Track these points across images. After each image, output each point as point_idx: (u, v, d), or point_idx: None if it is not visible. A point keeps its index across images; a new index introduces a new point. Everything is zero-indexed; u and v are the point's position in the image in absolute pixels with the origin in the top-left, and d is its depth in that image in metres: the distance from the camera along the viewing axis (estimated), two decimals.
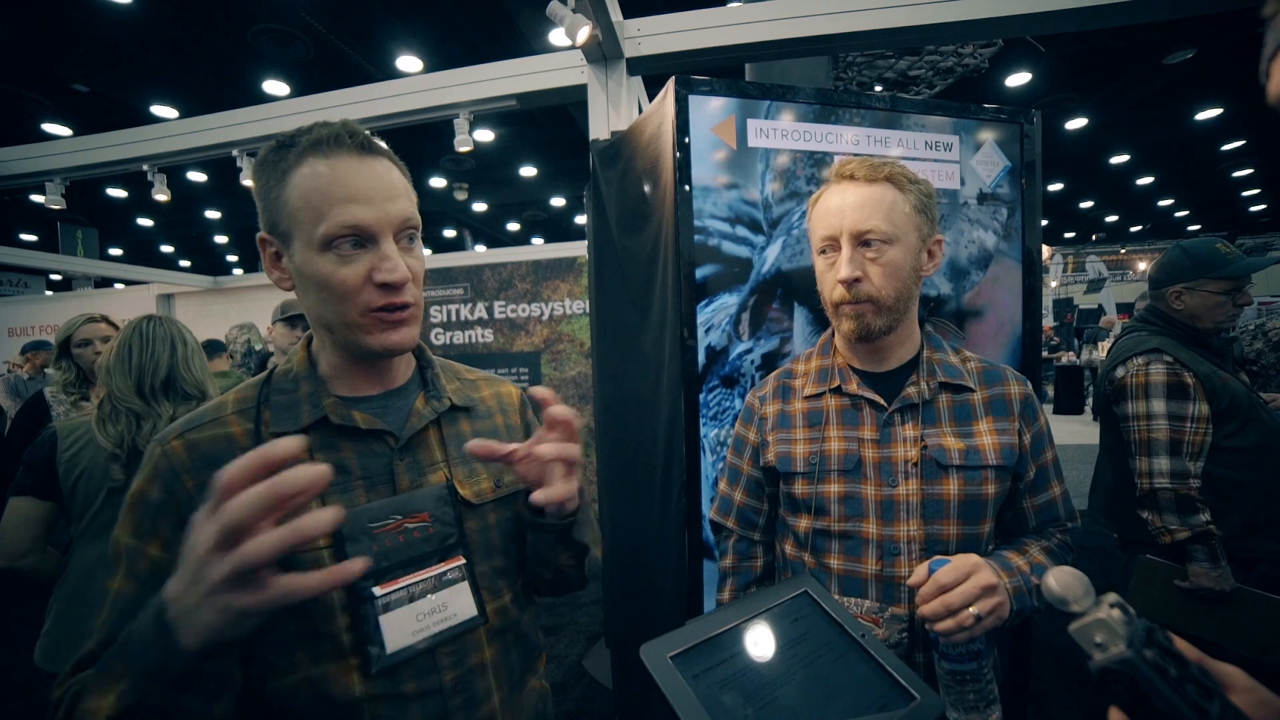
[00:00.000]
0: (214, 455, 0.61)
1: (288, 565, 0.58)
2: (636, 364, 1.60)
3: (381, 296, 0.62)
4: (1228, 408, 1.51)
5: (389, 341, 0.64)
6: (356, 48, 5.54)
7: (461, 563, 0.69)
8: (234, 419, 0.65)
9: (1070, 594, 0.44)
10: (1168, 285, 1.65)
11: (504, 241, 14.55)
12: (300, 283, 0.64)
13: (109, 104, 6.21)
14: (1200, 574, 1.47)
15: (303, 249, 0.61)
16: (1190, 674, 0.40)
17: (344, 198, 0.59)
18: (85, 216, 9.11)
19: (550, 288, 3.77)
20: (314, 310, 0.64)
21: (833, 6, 2.16)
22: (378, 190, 0.61)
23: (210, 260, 15.28)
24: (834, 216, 0.89)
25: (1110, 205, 14.91)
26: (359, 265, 0.61)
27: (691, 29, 2.27)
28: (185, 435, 0.63)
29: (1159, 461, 1.52)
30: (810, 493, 0.92)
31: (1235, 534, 1.51)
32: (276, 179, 0.61)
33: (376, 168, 0.62)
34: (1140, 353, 1.60)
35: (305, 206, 0.59)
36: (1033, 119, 1.47)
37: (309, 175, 0.60)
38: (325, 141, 0.60)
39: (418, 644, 0.63)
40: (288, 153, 0.61)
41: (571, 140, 7.58)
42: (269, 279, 0.66)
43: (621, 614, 1.92)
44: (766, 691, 0.54)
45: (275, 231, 0.63)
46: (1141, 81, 7.18)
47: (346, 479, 0.65)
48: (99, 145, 3.43)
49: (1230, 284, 1.57)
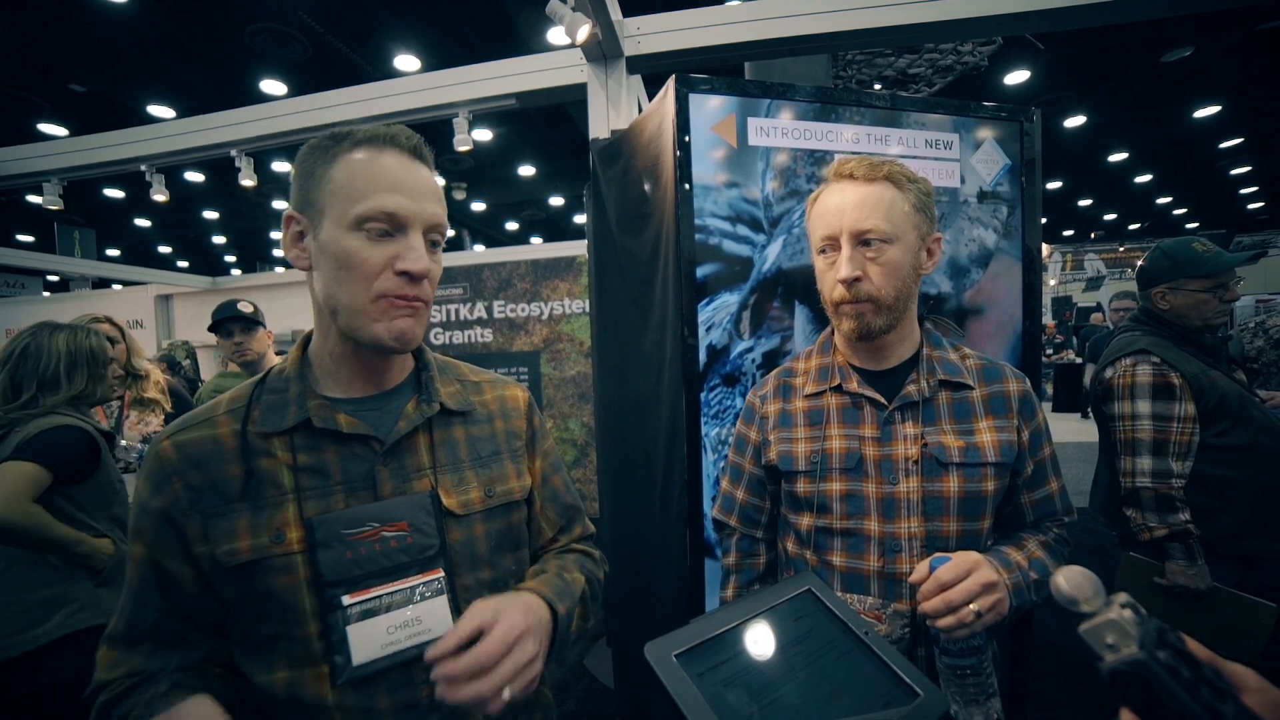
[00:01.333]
0: (201, 455, 0.63)
1: (261, 569, 0.61)
2: (637, 363, 1.60)
3: (398, 286, 0.63)
4: (1216, 407, 1.52)
5: (395, 329, 0.64)
6: (354, 47, 5.53)
7: (440, 575, 0.67)
8: (224, 419, 0.66)
9: (1080, 594, 0.43)
10: (1152, 287, 1.69)
11: (503, 241, 14.53)
12: (321, 260, 0.64)
13: (106, 104, 6.19)
14: (1176, 571, 1.49)
15: (333, 226, 0.63)
16: (1203, 675, 0.39)
17: (387, 186, 0.62)
18: (82, 217, 9.10)
19: (550, 287, 3.77)
20: (326, 290, 0.65)
21: (832, 5, 2.16)
22: (418, 189, 0.65)
23: (208, 260, 15.25)
24: (833, 216, 0.89)
25: (1109, 203, 14.93)
26: (384, 250, 0.63)
27: (691, 27, 2.27)
28: (175, 436, 0.65)
29: (1142, 461, 1.55)
30: (812, 491, 0.92)
31: (1230, 533, 1.51)
32: (325, 159, 0.64)
33: (421, 170, 0.67)
34: (1129, 353, 1.62)
35: (348, 185, 0.62)
36: (1033, 117, 1.47)
37: (359, 160, 0.63)
38: (381, 137, 0.65)
39: (384, 658, 0.62)
40: (342, 140, 0.65)
41: (570, 139, 7.57)
42: (286, 256, 0.68)
43: (622, 613, 1.92)
44: (771, 689, 0.54)
45: (307, 209, 0.65)
46: (1139, 80, 7.18)
47: (325, 483, 0.65)
48: (97, 145, 3.42)
49: (1211, 281, 1.59)
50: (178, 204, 9.20)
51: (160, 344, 5.97)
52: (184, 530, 0.62)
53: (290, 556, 0.61)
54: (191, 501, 0.62)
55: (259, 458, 0.64)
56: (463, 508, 0.71)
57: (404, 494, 0.67)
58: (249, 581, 0.61)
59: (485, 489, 0.73)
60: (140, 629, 0.63)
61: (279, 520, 0.62)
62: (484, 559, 0.72)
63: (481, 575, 0.71)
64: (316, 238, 0.64)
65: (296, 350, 0.71)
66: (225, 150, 3.26)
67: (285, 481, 0.63)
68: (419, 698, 0.64)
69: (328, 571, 0.61)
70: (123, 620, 0.64)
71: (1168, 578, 1.51)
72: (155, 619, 0.63)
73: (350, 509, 0.64)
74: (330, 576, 0.61)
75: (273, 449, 0.64)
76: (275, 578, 0.61)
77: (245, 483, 0.62)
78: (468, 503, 0.71)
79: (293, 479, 0.64)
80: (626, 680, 1.92)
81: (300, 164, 0.66)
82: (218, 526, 0.61)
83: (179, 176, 8.22)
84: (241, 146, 3.22)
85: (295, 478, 0.64)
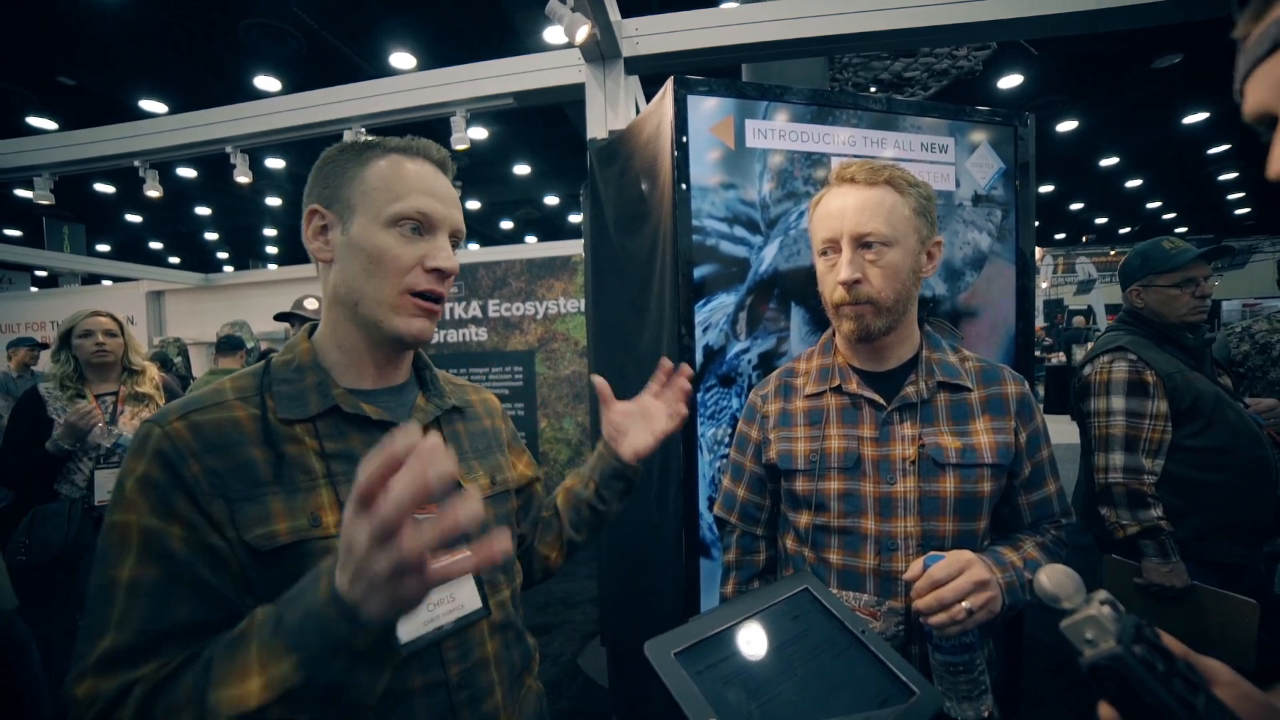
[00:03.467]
0: (220, 438, 0.61)
1: (301, 552, 0.60)
2: (634, 363, 1.60)
3: (426, 281, 0.68)
4: (1190, 407, 1.53)
5: (414, 327, 0.68)
6: (350, 44, 5.49)
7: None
8: (238, 404, 0.64)
9: (1061, 591, 0.45)
10: (1127, 286, 1.72)
11: (497, 240, 14.48)
12: (348, 254, 0.68)
13: (96, 99, 6.11)
14: (1152, 569, 1.49)
15: (366, 223, 0.67)
16: (1177, 669, 0.41)
17: (421, 190, 0.68)
18: (72, 212, 8.98)
19: (545, 286, 3.76)
20: (350, 283, 0.67)
21: (830, 8, 2.18)
22: (447, 196, 0.71)
23: (201, 257, 15.10)
24: (834, 219, 0.91)
25: (1100, 207, 15.07)
26: (415, 248, 0.68)
27: (689, 29, 2.27)
28: (188, 416, 0.61)
29: (1114, 457, 1.55)
30: (811, 489, 0.93)
31: (1197, 535, 1.51)
32: (356, 162, 0.69)
33: (446, 180, 0.73)
34: (1106, 350, 1.64)
35: (383, 187, 0.67)
36: (1027, 121, 1.49)
37: (393, 164, 0.69)
38: (413, 148, 0.71)
39: (428, 634, 0.64)
40: (375, 147, 0.70)
41: (565, 139, 7.55)
42: (307, 248, 0.71)
43: (617, 612, 1.93)
44: (769, 687, 0.55)
45: (334, 205, 0.68)
46: (1131, 85, 7.25)
47: (355, 468, 0.64)
48: (89, 140, 3.38)
49: (1178, 275, 1.61)
50: (170, 200, 9.13)
51: (152, 341, 5.92)
52: (210, 515, 0.58)
53: (330, 540, 0.61)
54: (213, 485, 0.59)
55: (284, 443, 0.64)
56: (478, 491, 0.75)
57: None
58: (286, 566, 0.59)
59: (490, 476, 0.79)
60: (159, 630, 0.55)
61: (314, 504, 0.62)
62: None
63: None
64: (346, 232, 0.68)
65: (304, 340, 0.72)
66: (221, 147, 3.23)
67: (315, 467, 0.64)
68: (448, 676, 0.66)
69: None
70: (127, 630, 0.54)
71: (1144, 576, 1.51)
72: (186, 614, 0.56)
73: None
74: None
75: (298, 435, 0.65)
76: (314, 561, 0.59)
77: (276, 467, 0.62)
78: (480, 488, 0.77)
79: (323, 465, 0.64)
80: (621, 679, 1.93)
81: (326, 163, 0.70)
82: (247, 511, 0.59)
83: (171, 172, 8.14)
84: (238, 143, 3.21)
85: (325, 463, 0.64)
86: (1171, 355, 1.59)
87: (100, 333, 2.06)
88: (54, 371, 2.04)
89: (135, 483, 0.58)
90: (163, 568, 0.56)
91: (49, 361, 2.08)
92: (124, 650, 0.54)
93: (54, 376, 2.04)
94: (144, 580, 0.56)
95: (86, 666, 0.53)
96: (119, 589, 0.55)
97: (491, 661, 0.70)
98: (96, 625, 0.54)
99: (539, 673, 0.83)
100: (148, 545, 0.56)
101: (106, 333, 2.08)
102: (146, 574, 0.56)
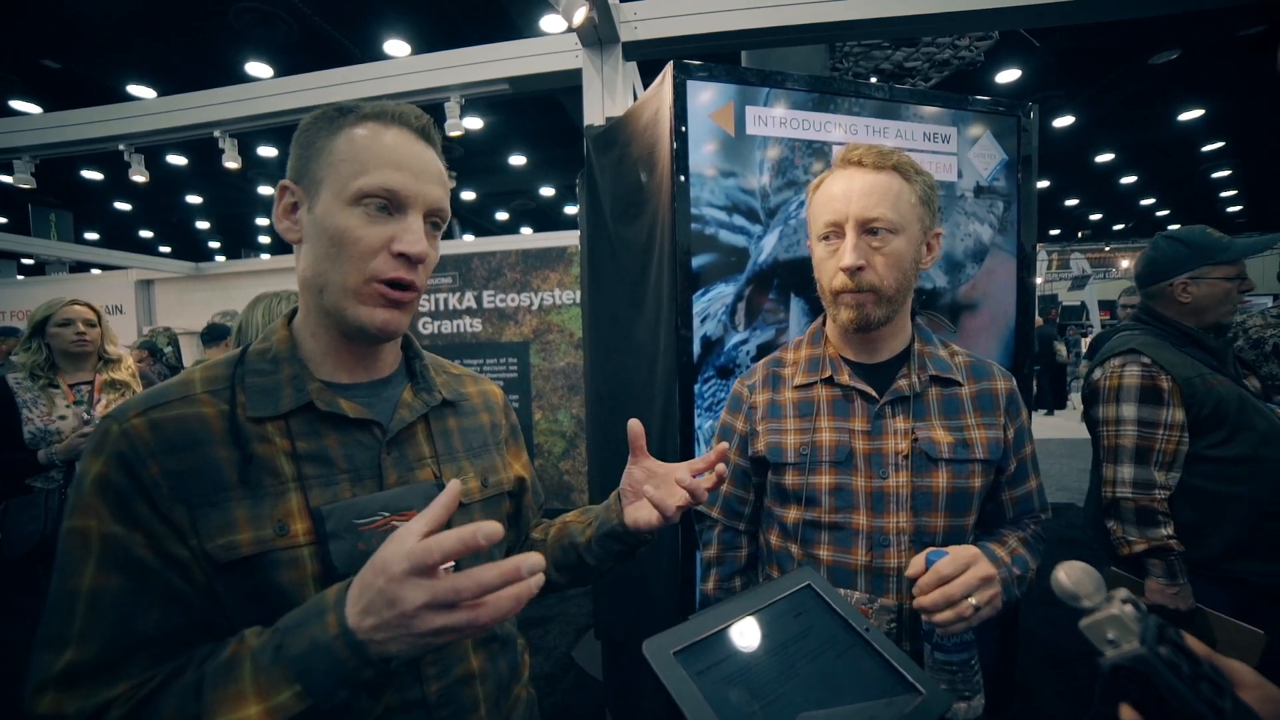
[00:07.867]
0: (181, 437, 0.56)
1: (264, 564, 0.56)
2: (630, 354, 1.58)
3: (393, 268, 0.61)
4: (1211, 414, 1.39)
5: (378, 318, 0.61)
6: (343, 31, 5.40)
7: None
8: (205, 398, 0.59)
9: (1081, 590, 0.44)
10: (1169, 278, 1.51)
11: (492, 230, 14.39)
12: (313, 234, 0.61)
13: (81, 82, 5.98)
14: (1156, 590, 1.38)
15: (330, 199, 0.60)
16: (1203, 671, 0.40)
17: (390, 163, 0.60)
18: (59, 199, 8.84)
19: (540, 277, 3.73)
20: (315, 267, 0.61)
21: None
22: (422, 169, 0.62)
23: (191, 246, 14.92)
24: (839, 202, 0.88)
25: (1095, 203, 15.14)
26: (382, 229, 0.60)
27: (689, 14, 2.23)
28: (148, 413, 0.56)
29: (1123, 469, 1.44)
30: (801, 484, 0.92)
31: (1220, 553, 1.38)
32: (327, 130, 0.62)
33: (427, 152, 0.64)
34: (1118, 353, 1.50)
35: (350, 159, 0.60)
36: (1030, 112, 1.47)
37: (364, 134, 0.61)
38: (389, 114, 0.62)
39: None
40: (348, 113, 0.62)
41: (561, 129, 7.48)
42: (276, 227, 0.65)
43: (612, 606, 1.92)
44: (772, 687, 0.53)
45: (304, 179, 0.62)
46: (1127, 80, 7.25)
47: (330, 471, 0.61)
48: (72, 122, 3.29)
49: (1235, 269, 1.47)
50: (160, 187, 8.99)
51: (141, 330, 5.84)
52: (171, 520, 0.54)
53: (296, 550, 0.57)
54: (174, 489, 0.54)
55: (253, 443, 0.58)
56: (465, 496, 0.70)
57: (407, 483, 0.65)
58: (248, 578, 0.56)
59: (482, 479, 0.74)
60: (126, 644, 0.52)
61: (281, 511, 0.57)
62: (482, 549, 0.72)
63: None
64: (311, 210, 0.61)
65: (283, 327, 0.66)
66: (208, 131, 3.16)
67: (285, 469, 0.59)
68: (426, 694, 0.62)
69: (340, 564, 0.57)
70: (91, 644, 0.51)
71: (1147, 596, 1.39)
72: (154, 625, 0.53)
73: (359, 498, 0.61)
74: (343, 569, 0.57)
75: (267, 434, 0.59)
76: (280, 573, 0.56)
77: (243, 469, 0.57)
78: (468, 492, 0.71)
79: (293, 467, 0.59)
80: (615, 672, 1.92)
81: (301, 134, 0.63)
82: (209, 518, 0.55)
83: (161, 159, 8.01)
84: (225, 127, 3.13)
85: (296, 465, 0.59)
86: (1191, 357, 1.45)
87: (80, 322, 2.01)
88: (24, 360, 1.96)
89: (93, 484, 0.54)
90: (126, 576, 0.53)
91: (18, 350, 2.00)
92: (89, 666, 0.50)
93: (24, 366, 1.96)
94: (107, 590, 0.52)
95: (48, 678, 0.50)
96: (79, 599, 0.52)
97: (476, 676, 0.67)
98: (56, 636, 0.51)
99: (532, 668, 0.81)
100: (109, 553, 0.53)
101: (86, 322, 2.03)
102: (109, 583, 0.52)
